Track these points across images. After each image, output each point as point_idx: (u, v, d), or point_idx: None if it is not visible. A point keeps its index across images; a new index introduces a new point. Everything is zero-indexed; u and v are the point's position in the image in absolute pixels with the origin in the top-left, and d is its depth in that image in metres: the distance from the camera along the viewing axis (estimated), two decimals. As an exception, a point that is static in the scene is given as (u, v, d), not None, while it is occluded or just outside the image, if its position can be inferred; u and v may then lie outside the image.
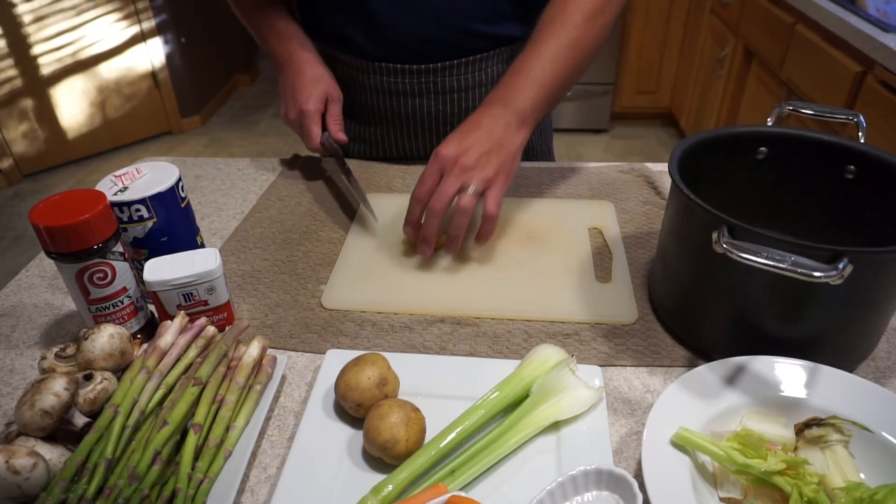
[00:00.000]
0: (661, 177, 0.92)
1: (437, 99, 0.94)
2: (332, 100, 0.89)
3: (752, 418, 0.50)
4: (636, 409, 0.57)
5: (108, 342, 0.54)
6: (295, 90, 0.88)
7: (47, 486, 0.45)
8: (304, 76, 0.89)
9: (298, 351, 0.64)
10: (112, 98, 3.21)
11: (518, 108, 0.73)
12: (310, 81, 0.88)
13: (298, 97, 0.87)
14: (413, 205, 0.72)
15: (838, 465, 0.46)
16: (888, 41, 1.44)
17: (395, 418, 0.50)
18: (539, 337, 0.64)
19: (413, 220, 0.72)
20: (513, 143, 0.72)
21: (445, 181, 0.68)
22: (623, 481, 0.45)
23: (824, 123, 1.45)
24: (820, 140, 0.63)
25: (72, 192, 0.59)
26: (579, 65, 0.78)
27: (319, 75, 0.90)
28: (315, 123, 0.87)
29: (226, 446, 0.51)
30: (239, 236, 0.83)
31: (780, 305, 0.54)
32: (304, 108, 0.86)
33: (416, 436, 0.50)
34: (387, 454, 0.50)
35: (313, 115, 0.87)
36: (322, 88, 0.88)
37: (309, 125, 0.86)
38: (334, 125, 0.88)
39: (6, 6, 2.74)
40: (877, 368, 0.60)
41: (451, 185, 0.68)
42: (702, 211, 0.53)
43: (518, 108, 0.73)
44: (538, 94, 0.74)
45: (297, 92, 0.88)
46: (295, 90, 0.88)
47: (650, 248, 0.77)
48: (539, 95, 0.74)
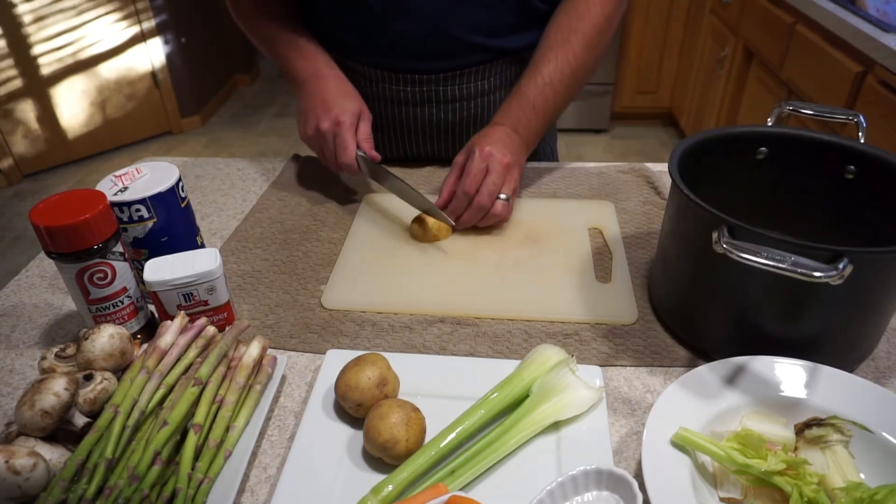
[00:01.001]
0: (661, 177, 0.92)
1: (440, 108, 0.94)
2: (364, 118, 0.85)
3: (752, 418, 0.50)
4: (636, 409, 0.57)
5: (108, 342, 0.54)
6: (328, 103, 0.83)
7: (47, 486, 0.45)
8: (337, 91, 0.85)
9: (298, 351, 0.64)
10: (112, 98, 3.21)
11: (525, 137, 0.82)
12: (343, 95, 0.85)
13: (333, 109, 0.82)
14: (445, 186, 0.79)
15: (838, 465, 0.46)
16: (888, 41, 1.44)
17: (396, 418, 0.50)
18: (539, 337, 0.64)
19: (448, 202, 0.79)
20: (521, 163, 0.82)
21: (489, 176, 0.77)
22: (623, 481, 0.45)
23: (824, 123, 1.45)
24: (820, 140, 0.63)
25: (72, 192, 0.59)
26: (576, 91, 0.85)
27: (351, 91, 0.86)
28: (351, 136, 0.82)
29: (226, 446, 0.51)
30: (239, 236, 0.83)
31: (780, 305, 0.54)
32: (341, 120, 0.81)
33: (416, 436, 0.50)
34: (387, 454, 0.50)
35: (349, 127, 0.82)
36: (357, 104, 0.84)
37: (345, 136, 0.81)
38: (366, 143, 0.83)
39: (6, 6, 2.74)
40: (877, 368, 0.60)
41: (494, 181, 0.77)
42: (702, 211, 0.53)
43: (525, 136, 0.82)
44: (540, 123, 0.83)
45: (330, 105, 0.83)
46: (328, 103, 0.83)
47: (650, 248, 0.77)
48: (540, 125, 0.83)
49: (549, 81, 0.81)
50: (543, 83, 0.81)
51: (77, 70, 3.04)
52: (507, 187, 0.77)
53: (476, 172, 0.76)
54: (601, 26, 0.83)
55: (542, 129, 0.84)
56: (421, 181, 0.93)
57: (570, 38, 0.82)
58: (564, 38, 0.82)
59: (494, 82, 0.93)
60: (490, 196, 0.76)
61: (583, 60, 0.82)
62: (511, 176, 0.78)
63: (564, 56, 0.81)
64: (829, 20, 1.69)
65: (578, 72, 0.83)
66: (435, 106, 0.94)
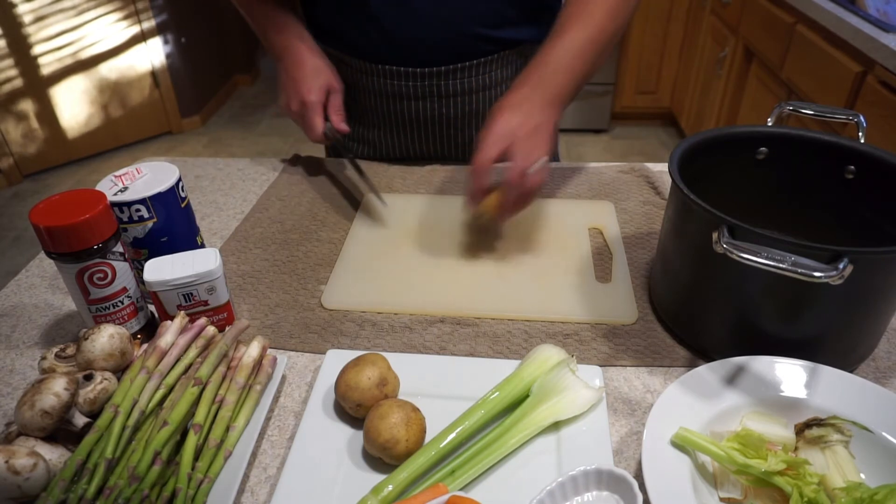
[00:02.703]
0: (661, 177, 0.92)
1: (441, 102, 0.94)
2: (334, 90, 0.89)
3: (752, 418, 0.50)
4: (636, 409, 0.57)
5: (108, 342, 0.54)
6: (296, 81, 0.88)
7: (47, 486, 0.45)
8: (305, 67, 0.88)
9: (298, 351, 0.64)
10: (112, 98, 3.21)
11: (549, 92, 0.74)
12: (310, 72, 0.88)
13: (300, 88, 0.87)
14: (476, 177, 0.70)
15: (838, 465, 0.46)
16: (888, 41, 1.44)
17: (396, 418, 0.50)
18: (539, 337, 0.64)
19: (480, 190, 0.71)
20: (549, 121, 0.73)
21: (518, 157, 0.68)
22: (623, 481, 0.45)
23: (824, 123, 1.45)
24: (820, 140, 0.63)
25: (72, 192, 0.59)
26: (598, 59, 0.78)
27: (320, 66, 0.89)
28: (317, 115, 0.86)
29: (226, 446, 0.51)
30: (239, 236, 0.83)
31: (780, 305, 0.54)
32: (307, 100, 0.86)
33: (416, 436, 0.50)
34: (387, 454, 0.50)
35: (315, 106, 0.86)
36: (323, 79, 0.88)
37: (311, 116, 0.86)
38: (336, 115, 0.89)
39: (6, 6, 2.74)
40: (877, 368, 0.60)
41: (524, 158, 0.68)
42: (702, 211, 0.53)
43: (549, 91, 0.74)
44: (565, 80, 0.75)
45: (298, 83, 0.87)
46: (296, 81, 0.88)
47: (650, 248, 0.77)
48: (566, 81, 0.75)
49: (570, 46, 0.76)
50: (563, 46, 0.76)
51: (77, 70, 3.04)
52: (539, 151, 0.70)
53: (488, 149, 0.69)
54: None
55: (567, 82, 0.75)
56: (421, 181, 0.93)
57: (589, 7, 0.78)
58: (583, 8, 0.78)
59: (496, 77, 0.93)
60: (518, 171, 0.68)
61: (604, 26, 0.77)
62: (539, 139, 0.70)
63: (584, 24, 0.77)
64: (829, 20, 1.69)
65: (600, 37, 0.77)
66: (436, 100, 0.94)
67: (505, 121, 0.70)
